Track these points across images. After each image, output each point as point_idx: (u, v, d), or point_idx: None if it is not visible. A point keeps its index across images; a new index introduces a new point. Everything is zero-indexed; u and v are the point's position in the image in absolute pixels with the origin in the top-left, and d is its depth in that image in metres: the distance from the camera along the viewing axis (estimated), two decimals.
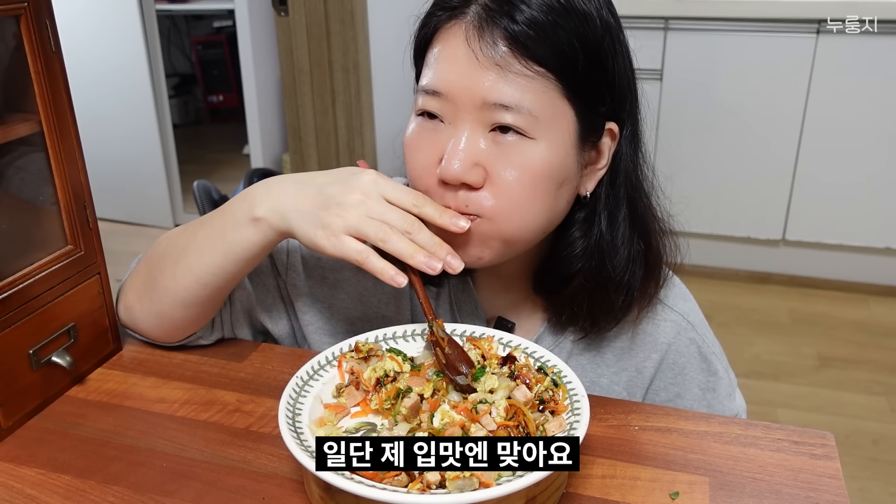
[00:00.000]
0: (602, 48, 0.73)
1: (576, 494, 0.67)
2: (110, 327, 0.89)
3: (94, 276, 0.85)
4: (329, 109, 3.38)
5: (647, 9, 2.86)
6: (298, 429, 0.65)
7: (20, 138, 0.77)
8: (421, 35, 0.77)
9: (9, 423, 0.76)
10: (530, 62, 0.70)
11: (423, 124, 0.75)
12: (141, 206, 3.71)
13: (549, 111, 0.72)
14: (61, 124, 0.79)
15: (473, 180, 0.72)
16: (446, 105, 0.73)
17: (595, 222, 0.80)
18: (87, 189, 0.83)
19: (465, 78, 0.71)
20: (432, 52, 0.75)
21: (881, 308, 2.95)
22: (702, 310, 0.90)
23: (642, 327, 0.86)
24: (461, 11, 0.72)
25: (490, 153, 0.72)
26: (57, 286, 0.80)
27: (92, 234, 0.84)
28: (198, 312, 0.84)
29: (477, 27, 0.71)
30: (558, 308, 0.85)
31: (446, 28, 0.73)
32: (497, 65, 0.70)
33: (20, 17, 0.73)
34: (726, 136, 2.99)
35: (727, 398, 0.87)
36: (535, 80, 0.70)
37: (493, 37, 0.70)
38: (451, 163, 0.71)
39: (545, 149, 0.72)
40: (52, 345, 0.80)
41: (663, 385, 0.87)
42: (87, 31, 3.37)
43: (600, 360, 0.87)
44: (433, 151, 0.74)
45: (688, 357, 0.86)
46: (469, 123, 0.72)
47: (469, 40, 0.71)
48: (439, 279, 0.89)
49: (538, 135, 0.72)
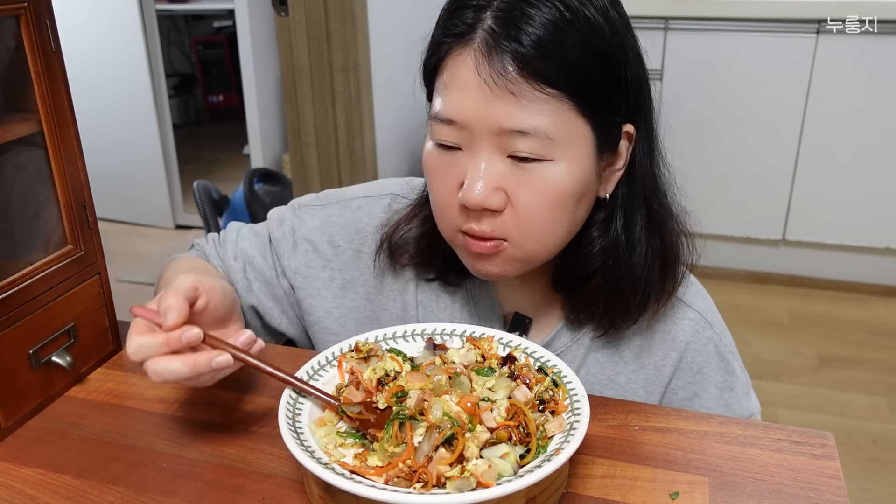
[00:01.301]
0: (613, 56, 0.72)
1: (576, 494, 0.67)
2: (110, 327, 0.89)
3: (94, 276, 0.85)
4: (329, 109, 3.38)
5: (647, 9, 2.86)
6: (298, 429, 0.65)
7: (20, 138, 0.77)
8: (430, 62, 0.76)
9: (9, 423, 0.76)
10: (542, 85, 0.69)
11: (441, 150, 0.75)
12: (141, 206, 3.71)
13: (565, 131, 0.71)
14: (61, 124, 0.79)
15: (496, 205, 0.72)
16: (462, 132, 0.72)
17: (613, 222, 0.80)
18: (87, 189, 0.83)
19: (480, 107, 0.70)
20: (441, 78, 0.74)
21: (881, 308, 2.95)
22: None
23: (661, 325, 0.86)
24: (468, 38, 0.71)
25: (510, 177, 0.72)
26: (57, 286, 0.80)
27: (92, 234, 0.84)
28: None
29: (486, 54, 0.69)
30: (577, 306, 0.85)
31: (454, 55, 0.72)
32: (510, 92, 0.69)
33: (20, 17, 0.73)
34: (726, 136, 2.99)
35: (744, 397, 0.87)
36: (548, 102, 0.70)
37: (503, 62, 0.69)
38: (473, 189, 0.71)
39: (564, 169, 0.72)
40: (52, 345, 0.80)
41: (681, 384, 0.87)
42: (88, 32, 3.37)
43: (619, 357, 0.87)
44: (453, 177, 0.74)
45: (706, 356, 0.86)
46: (486, 150, 0.72)
47: (479, 67, 0.70)
48: (458, 278, 0.89)
49: (556, 156, 0.71)
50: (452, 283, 0.90)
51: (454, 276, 0.89)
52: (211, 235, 0.99)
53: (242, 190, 2.77)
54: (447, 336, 0.79)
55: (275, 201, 2.69)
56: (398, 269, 0.91)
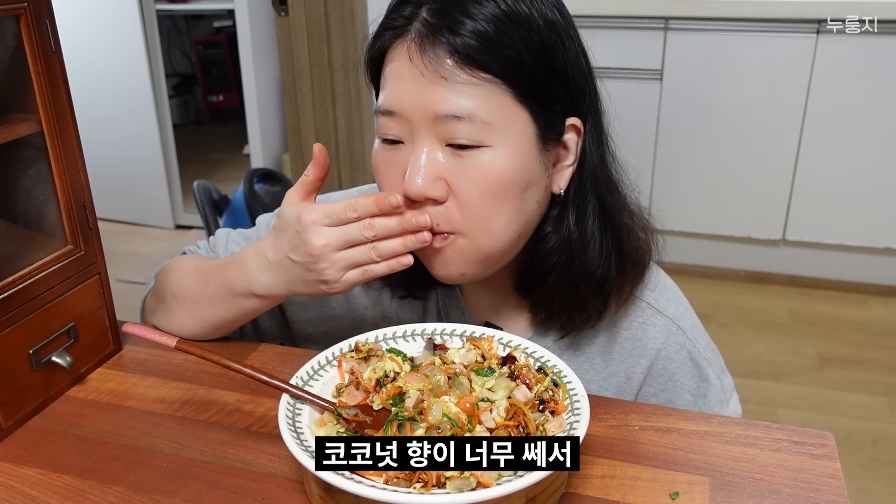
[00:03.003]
0: (549, 48, 0.73)
1: (576, 494, 0.67)
2: (110, 327, 0.89)
3: (94, 276, 0.85)
4: (329, 109, 3.38)
5: (647, 9, 2.86)
6: (298, 429, 0.65)
7: (20, 138, 0.77)
8: (370, 56, 0.78)
9: (9, 423, 0.76)
10: (476, 70, 0.70)
11: (385, 146, 0.76)
12: (141, 206, 3.71)
13: (502, 116, 0.72)
14: (61, 124, 0.79)
15: (437, 194, 0.72)
16: (402, 124, 0.73)
17: (565, 217, 0.80)
18: (87, 189, 0.83)
19: (415, 94, 0.71)
20: (383, 72, 0.76)
21: (881, 308, 2.95)
22: (702, 310, 0.90)
23: (630, 332, 0.86)
24: (404, 29, 0.73)
25: (450, 166, 0.72)
26: (57, 286, 0.80)
27: (92, 234, 0.84)
28: (222, 334, 0.91)
29: (419, 44, 0.71)
30: (540, 306, 0.85)
31: (393, 48, 0.74)
32: (443, 77, 0.70)
33: (20, 17, 0.73)
34: (726, 136, 2.99)
35: (718, 405, 0.86)
36: (482, 87, 0.71)
37: (436, 52, 0.70)
38: (414, 179, 0.72)
39: (503, 155, 0.72)
40: (52, 345, 0.80)
41: (653, 391, 0.86)
42: (87, 32, 3.37)
43: (588, 365, 0.87)
44: (397, 171, 0.75)
45: (678, 363, 0.85)
46: (426, 140, 0.72)
47: (412, 57, 0.71)
48: (425, 290, 0.90)
49: (494, 142, 0.72)
50: (421, 298, 0.91)
51: (420, 288, 0.90)
52: (201, 242, 1.01)
53: (242, 190, 2.76)
54: (447, 336, 0.79)
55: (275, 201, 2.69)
56: (371, 283, 0.91)
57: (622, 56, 2.92)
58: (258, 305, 0.82)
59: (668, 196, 3.00)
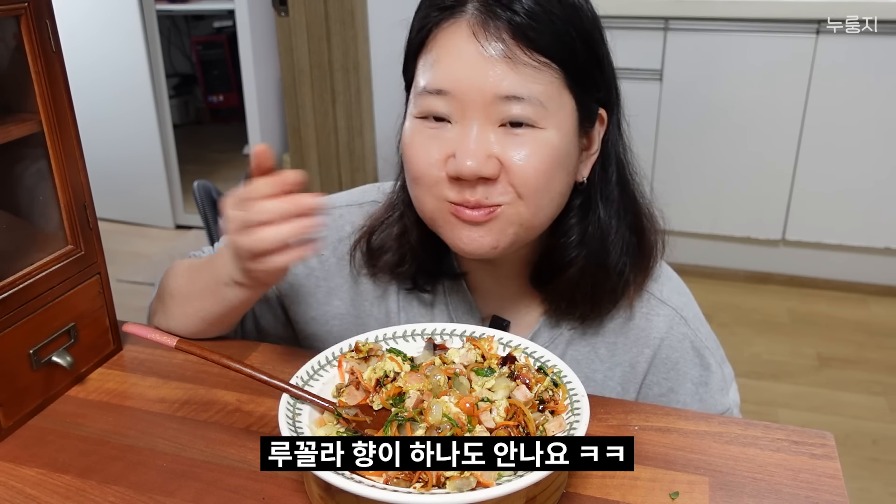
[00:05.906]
0: (594, 37, 0.76)
1: (576, 494, 0.67)
2: (110, 327, 0.89)
3: (95, 276, 0.85)
4: (329, 109, 3.38)
5: (647, 9, 2.86)
6: (298, 429, 0.65)
7: (20, 138, 0.77)
8: (417, 38, 0.77)
9: (9, 423, 0.76)
10: (535, 53, 0.71)
11: (426, 124, 0.75)
12: (141, 206, 3.71)
13: (556, 100, 0.73)
14: (61, 124, 0.79)
15: (490, 172, 0.72)
16: (453, 104, 0.73)
17: (592, 207, 0.81)
18: (87, 189, 0.83)
19: (474, 74, 0.71)
20: (430, 53, 0.75)
21: (881, 308, 2.95)
22: (702, 310, 0.91)
23: (635, 322, 0.87)
24: (459, 10, 0.73)
25: (502, 145, 0.73)
26: (57, 286, 0.80)
27: (92, 234, 0.84)
28: (218, 331, 0.90)
29: (481, 22, 0.71)
30: (556, 297, 0.86)
31: (444, 27, 0.74)
32: (507, 57, 0.71)
33: (20, 17, 0.73)
34: (726, 136, 2.99)
35: (719, 392, 0.87)
36: (540, 70, 0.72)
37: (498, 30, 0.71)
38: (465, 158, 0.72)
39: (554, 136, 0.74)
40: (52, 345, 0.80)
41: (656, 380, 0.87)
42: (88, 32, 3.37)
43: (594, 355, 0.88)
44: (439, 150, 0.74)
45: (681, 352, 0.86)
46: (478, 119, 0.73)
47: (476, 35, 0.71)
48: (432, 283, 0.90)
49: (547, 124, 0.73)
50: (427, 291, 0.91)
51: (428, 280, 0.89)
52: (206, 248, 1.01)
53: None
54: (447, 336, 0.79)
55: None
56: (378, 275, 0.91)
57: (622, 56, 2.88)
58: (242, 295, 0.80)
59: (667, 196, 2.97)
